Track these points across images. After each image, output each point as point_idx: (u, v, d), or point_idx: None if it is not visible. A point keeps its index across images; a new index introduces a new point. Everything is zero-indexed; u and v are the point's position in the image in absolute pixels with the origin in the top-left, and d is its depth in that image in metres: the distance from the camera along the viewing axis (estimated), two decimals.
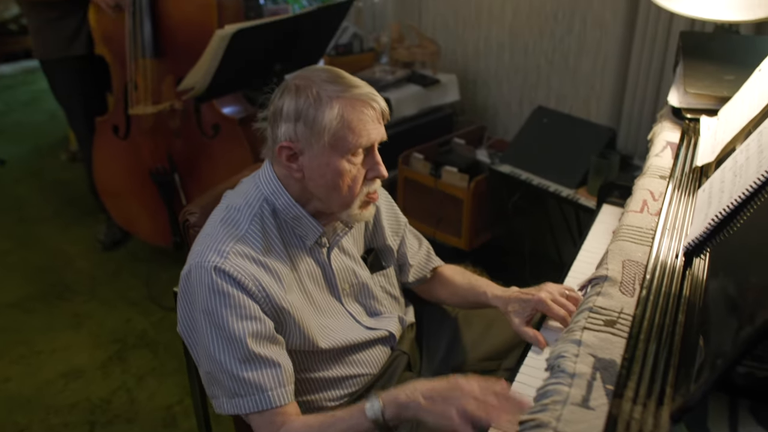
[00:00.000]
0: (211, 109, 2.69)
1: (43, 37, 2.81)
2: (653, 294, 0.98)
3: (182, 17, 2.61)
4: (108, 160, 2.88)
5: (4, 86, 5.20)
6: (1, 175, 3.92)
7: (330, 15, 2.50)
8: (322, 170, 1.28)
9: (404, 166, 2.79)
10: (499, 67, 3.15)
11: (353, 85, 1.28)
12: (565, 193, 2.38)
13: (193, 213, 1.54)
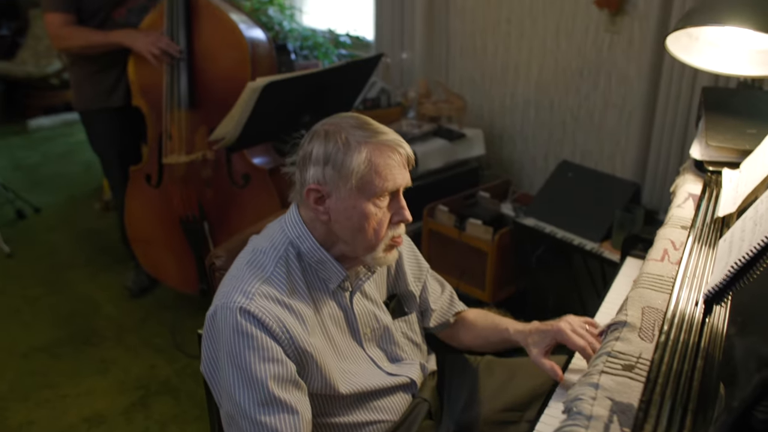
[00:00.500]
0: (242, 159, 2.75)
1: (83, 89, 2.92)
2: (672, 339, 0.98)
3: (218, 72, 2.70)
4: (140, 208, 2.95)
5: (43, 138, 5.36)
6: (36, 223, 4.02)
7: (359, 70, 2.57)
8: (349, 213, 1.31)
9: (429, 218, 2.81)
10: (524, 123, 3.19)
11: (380, 132, 1.32)
12: (589, 247, 2.38)
13: (220, 257, 1.58)
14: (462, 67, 3.37)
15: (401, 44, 3.45)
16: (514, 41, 3.12)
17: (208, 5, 2.69)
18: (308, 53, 3.61)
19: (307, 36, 3.67)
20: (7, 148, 5.15)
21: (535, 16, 3.01)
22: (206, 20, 2.68)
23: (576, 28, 2.89)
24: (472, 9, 3.24)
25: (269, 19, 3.67)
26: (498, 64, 3.22)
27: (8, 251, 3.64)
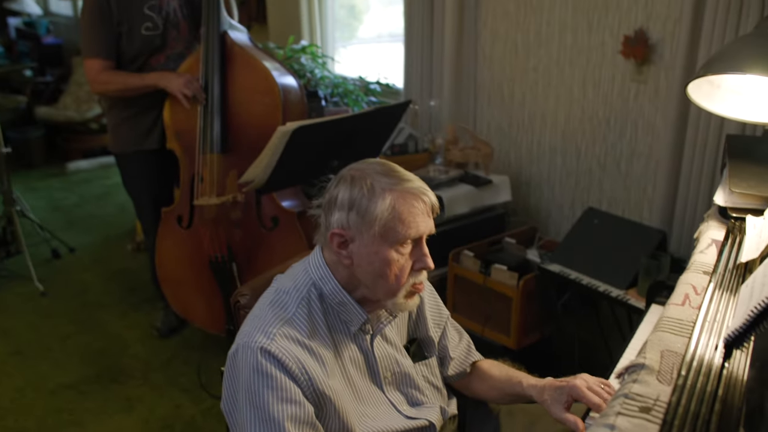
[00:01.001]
0: (271, 202, 2.80)
1: (120, 132, 3.01)
2: (690, 382, 0.98)
3: (250, 117, 2.77)
4: (170, 249, 3.00)
5: (81, 180, 5.51)
6: (70, 263, 4.11)
7: (387, 116, 2.62)
8: (371, 258, 1.33)
9: (454, 263, 2.82)
10: (551, 170, 3.21)
11: (405, 179, 1.34)
12: (615, 294, 2.37)
13: (245, 295, 1.61)
14: (489, 114, 3.41)
15: (430, 92, 3.51)
16: (542, 90, 3.16)
17: (242, 52, 2.78)
18: (339, 100, 3.69)
19: (338, 83, 3.75)
20: (46, 190, 5.29)
21: (562, 65, 3.05)
22: (240, 66, 2.77)
23: (603, 78, 2.92)
24: (500, 58, 3.29)
25: (301, 67, 3.77)
26: (525, 111, 3.25)
27: (42, 290, 3.72)
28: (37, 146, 5.83)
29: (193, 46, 2.97)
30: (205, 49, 2.75)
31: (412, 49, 3.56)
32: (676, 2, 2.61)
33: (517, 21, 3.18)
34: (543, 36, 3.10)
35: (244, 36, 2.89)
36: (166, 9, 2.90)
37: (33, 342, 3.28)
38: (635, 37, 2.73)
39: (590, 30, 2.92)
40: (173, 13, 2.93)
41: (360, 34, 5.11)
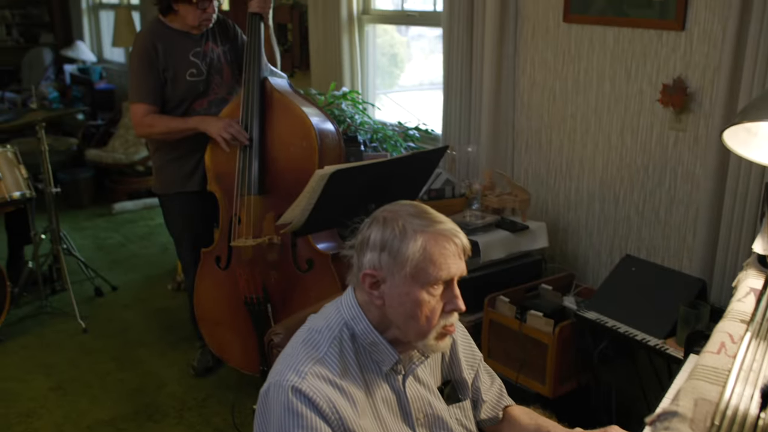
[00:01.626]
0: (307, 245, 2.84)
1: (164, 174, 3.10)
2: (724, 431, 0.96)
3: (287, 160, 2.83)
4: (208, 289, 3.05)
5: (126, 221, 5.64)
6: (112, 301, 4.19)
7: (424, 161, 2.65)
8: (402, 299, 1.34)
9: (490, 308, 2.81)
10: (589, 217, 3.19)
11: (437, 221, 1.36)
12: (653, 343, 2.32)
13: (278, 334, 1.63)
14: (527, 161, 3.42)
15: (468, 138, 3.54)
16: (579, 137, 3.17)
17: (280, 97, 2.85)
18: (378, 145, 3.74)
19: (378, 128, 3.81)
20: (92, 229, 5.43)
21: (600, 113, 3.06)
22: (278, 111, 2.84)
23: (641, 125, 2.92)
24: (538, 106, 3.31)
25: (342, 112, 3.84)
26: (563, 158, 3.26)
27: (84, 327, 3.80)
28: (86, 187, 6.00)
29: (235, 91, 3.06)
30: (245, 94, 2.83)
31: (450, 95, 3.61)
32: (715, 51, 2.61)
33: (555, 69, 3.21)
34: (581, 84, 3.11)
35: (284, 82, 2.97)
36: (210, 56, 3.01)
37: (73, 378, 3.34)
38: (674, 86, 2.73)
39: (628, 78, 2.93)
40: (217, 60, 3.03)
41: (401, 81, 5.20)
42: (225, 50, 3.07)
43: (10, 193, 3.71)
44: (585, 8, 3.02)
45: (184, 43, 2.96)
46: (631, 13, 2.84)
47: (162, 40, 2.92)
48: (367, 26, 4.42)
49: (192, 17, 2.91)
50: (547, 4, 3.18)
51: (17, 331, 3.78)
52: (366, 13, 4.38)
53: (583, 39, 3.07)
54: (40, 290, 3.99)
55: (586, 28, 3.05)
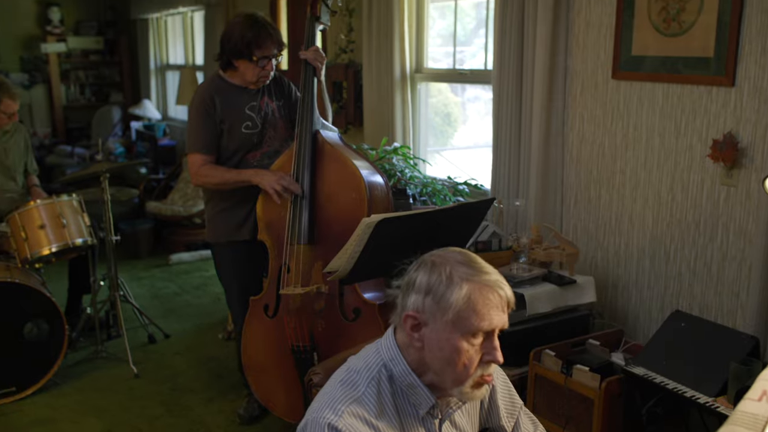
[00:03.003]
0: (354, 294, 2.87)
1: (216, 223, 3.20)
2: None
3: (337, 211, 2.89)
4: (256, 337, 3.09)
5: (182, 271, 5.79)
6: (164, 348, 4.28)
7: (471, 212, 2.67)
8: (442, 345, 1.36)
9: (535, 362, 2.77)
10: (639, 273, 3.15)
11: (484, 271, 1.37)
12: (703, 400, 2.26)
13: (318, 374, 1.65)
14: (576, 216, 3.41)
15: (516, 192, 3.56)
16: (629, 192, 3.15)
17: (331, 150, 2.93)
18: (427, 199, 3.78)
19: (427, 183, 3.86)
20: (149, 279, 5.59)
21: (649, 168, 3.05)
22: (329, 163, 2.92)
23: (691, 181, 2.90)
24: (587, 161, 3.32)
25: (392, 167, 3.91)
26: (612, 214, 3.24)
27: (136, 372, 3.88)
28: (145, 238, 6.20)
29: (288, 143, 3.17)
30: (297, 146, 2.92)
31: (500, 150, 3.65)
32: (766, 107, 2.60)
33: (605, 125, 3.22)
34: (630, 139, 3.12)
35: (335, 135, 3.06)
36: (265, 110, 3.13)
37: (124, 421, 3.40)
38: (724, 141, 2.71)
39: (678, 134, 2.93)
40: (271, 114, 3.15)
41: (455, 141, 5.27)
42: (279, 105, 3.19)
43: (73, 239, 3.88)
44: (635, 66, 3.04)
45: (240, 97, 3.09)
46: (685, 71, 2.85)
47: (220, 93, 3.06)
48: (420, 84, 4.53)
49: (251, 74, 3.04)
50: (596, 61, 3.22)
51: (73, 375, 3.88)
52: (419, 72, 4.49)
53: (632, 95, 3.09)
54: (97, 336, 4.10)
55: (635, 85, 3.07)
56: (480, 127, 5.08)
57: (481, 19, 4.36)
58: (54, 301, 3.66)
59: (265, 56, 3.00)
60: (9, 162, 4.30)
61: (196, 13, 7.68)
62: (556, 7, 3.26)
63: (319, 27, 3.08)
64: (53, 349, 3.67)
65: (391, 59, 4.36)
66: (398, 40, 4.33)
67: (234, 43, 2.97)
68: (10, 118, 4.18)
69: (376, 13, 4.42)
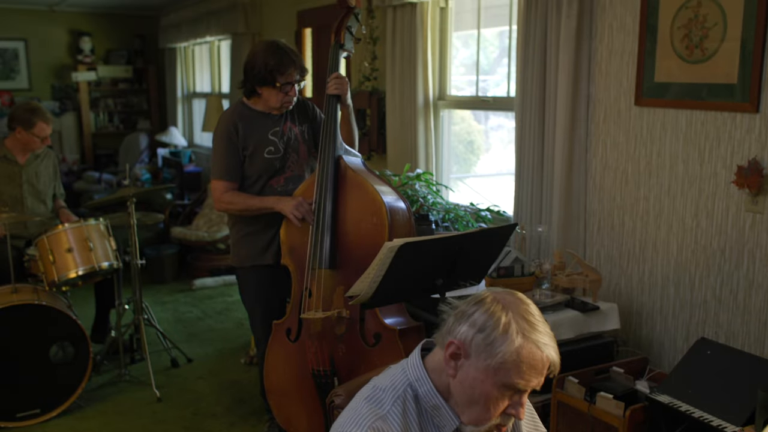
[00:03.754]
0: (375, 319, 2.87)
1: (240, 247, 3.23)
2: None
3: (358, 235, 2.91)
4: (277, 360, 3.10)
5: (205, 296, 5.83)
6: (186, 372, 4.30)
7: (493, 237, 2.66)
8: (474, 384, 1.36)
9: (558, 389, 2.75)
10: (664, 301, 3.12)
11: (539, 330, 1.37)
12: (730, 430, 2.22)
13: (339, 395, 1.66)
14: (599, 242, 3.39)
15: (539, 218, 3.56)
16: (653, 219, 3.14)
17: (354, 175, 2.96)
18: (450, 225, 3.79)
19: (450, 209, 3.87)
20: (173, 303, 5.63)
21: (673, 195, 3.04)
22: (351, 188, 2.94)
23: (716, 207, 2.88)
24: (610, 187, 3.31)
25: (415, 192, 3.92)
26: (636, 240, 3.22)
27: (159, 396, 3.89)
28: (170, 263, 6.26)
29: (312, 168, 3.20)
30: (320, 170, 2.95)
31: (522, 176, 3.65)
32: None
33: (628, 151, 3.22)
34: (654, 166, 3.11)
35: (358, 160, 3.09)
36: (288, 135, 3.17)
37: None
38: (749, 168, 2.70)
39: (702, 160, 2.92)
40: (294, 139, 3.19)
41: (478, 169, 5.29)
42: (303, 129, 3.23)
43: (100, 263, 3.93)
44: (658, 93, 3.05)
45: (263, 122, 3.13)
46: (708, 98, 2.85)
47: (242, 120, 3.10)
48: (443, 111, 4.56)
49: (275, 100, 3.09)
50: (619, 88, 3.23)
51: (96, 398, 3.91)
52: (442, 99, 4.53)
53: (655, 122, 3.09)
54: (121, 359, 4.13)
55: (658, 112, 3.07)
56: (503, 155, 5.09)
57: (504, 48, 4.39)
58: (80, 324, 3.70)
59: (288, 82, 3.05)
60: (40, 186, 4.39)
61: (222, 42, 7.83)
62: (579, 35, 3.28)
63: (343, 54, 3.12)
64: (78, 371, 3.71)
65: (414, 87, 4.41)
66: (421, 67, 4.37)
67: (257, 71, 3.03)
68: (43, 142, 4.27)
69: (399, 42, 4.47)
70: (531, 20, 3.47)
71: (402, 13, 4.43)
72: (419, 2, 4.30)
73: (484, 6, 4.24)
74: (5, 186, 4.25)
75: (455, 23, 4.50)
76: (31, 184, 4.34)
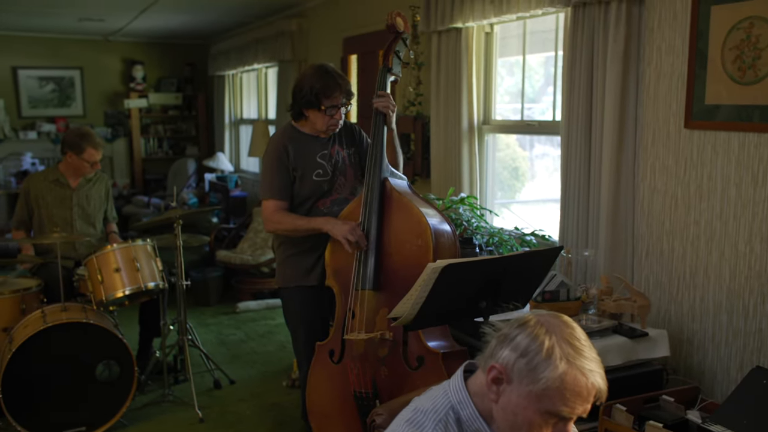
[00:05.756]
0: (418, 342, 2.84)
1: (286, 267, 3.25)
2: None
3: (402, 257, 2.90)
4: (320, 382, 3.09)
5: (248, 319, 5.86)
6: (229, 394, 4.31)
7: (538, 260, 2.63)
8: (517, 410, 1.32)
9: (605, 417, 2.67)
10: (716, 329, 3.02)
11: (585, 356, 1.32)
12: None
13: (380, 415, 1.64)
14: (647, 268, 3.32)
15: (585, 243, 3.50)
16: (704, 244, 3.05)
17: (399, 197, 2.96)
18: (494, 249, 3.75)
19: (494, 232, 3.83)
20: (216, 326, 5.68)
21: (725, 219, 2.96)
22: (396, 210, 2.94)
23: None
24: (659, 212, 3.25)
25: (458, 216, 3.90)
26: (686, 266, 3.14)
27: (201, 416, 3.91)
28: (214, 286, 6.32)
29: (357, 191, 3.21)
30: (366, 192, 2.96)
31: (568, 201, 3.61)
32: None
33: (677, 175, 3.15)
34: (704, 190, 3.04)
35: (404, 183, 3.09)
36: (335, 158, 3.19)
37: None
38: None
39: (755, 184, 2.84)
40: (342, 162, 3.21)
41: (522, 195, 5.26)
42: (350, 153, 3.25)
43: (146, 282, 3.99)
44: (708, 115, 2.99)
45: (312, 145, 3.16)
46: (762, 120, 2.78)
47: (293, 142, 3.14)
48: (487, 136, 4.54)
49: (321, 123, 3.12)
50: (668, 111, 3.17)
51: (140, 417, 3.94)
52: (486, 123, 4.51)
53: (705, 145, 3.02)
54: (165, 379, 4.17)
55: (709, 134, 3.01)
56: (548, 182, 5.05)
57: (548, 76, 4.37)
58: (126, 344, 3.75)
59: (334, 105, 3.07)
60: (90, 209, 4.49)
61: (269, 69, 7.97)
62: (626, 58, 3.25)
63: (390, 78, 3.15)
64: (122, 390, 3.74)
65: (458, 111, 4.41)
66: (466, 92, 4.37)
67: (304, 94, 3.07)
68: (93, 167, 4.38)
69: (444, 67, 4.49)
70: (577, 43, 3.45)
71: (447, 38, 4.45)
72: (464, 27, 4.31)
73: (529, 31, 4.23)
74: (56, 208, 4.37)
75: (500, 49, 4.50)
76: (81, 207, 4.45)
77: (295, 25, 6.79)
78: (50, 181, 4.39)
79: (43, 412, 3.58)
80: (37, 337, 3.51)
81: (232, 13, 7.41)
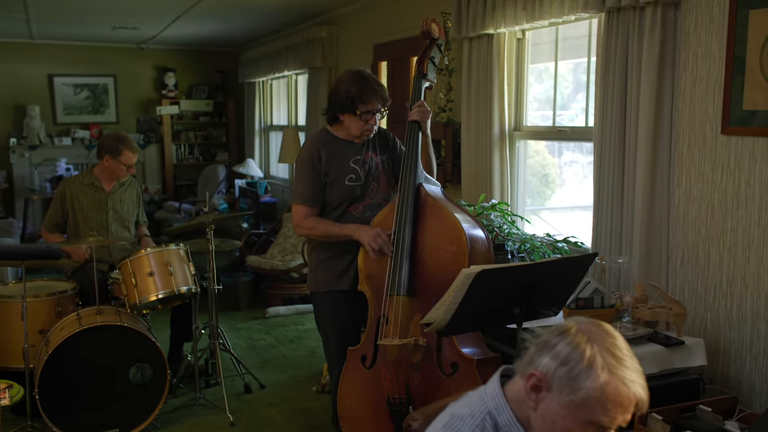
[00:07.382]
0: (452, 347, 2.83)
1: (318, 272, 3.26)
2: None
3: (437, 263, 2.89)
4: (352, 387, 3.09)
5: (278, 324, 5.89)
6: (259, 398, 4.34)
7: (572, 267, 2.61)
8: (555, 419, 1.31)
9: (640, 426, 2.64)
10: (755, 338, 2.97)
11: (626, 365, 1.31)
12: None
13: (416, 419, 1.64)
14: (683, 275, 3.27)
15: (619, 250, 3.46)
16: (741, 252, 3.01)
17: (434, 203, 2.96)
18: (525, 255, 3.73)
19: (526, 239, 3.81)
20: (246, 330, 5.71)
21: (764, 225, 2.91)
22: (431, 215, 2.93)
23: None
24: (695, 219, 3.20)
25: (490, 222, 3.89)
26: (723, 274, 3.09)
27: (231, 420, 3.94)
28: (244, 291, 6.37)
29: (390, 196, 3.22)
30: (400, 198, 2.96)
31: (601, 207, 3.57)
32: None
33: (713, 181, 3.11)
34: (742, 196, 2.99)
35: (438, 189, 3.09)
36: (369, 164, 3.20)
37: None
38: None
39: None
40: (375, 168, 3.22)
41: (552, 203, 5.22)
42: (383, 159, 3.26)
43: (179, 287, 4.03)
44: (746, 121, 2.95)
45: (345, 150, 3.18)
46: None
47: (326, 146, 3.16)
48: (518, 142, 4.52)
49: (355, 128, 3.13)
50: (704, 116, 3.14)
51: (171, 420, 3.98)
52: (517, 130, 4.50)
53: (743, 151, 2.98)
54: (196, 383, 4.21)
55: (747, 140, 2.96)
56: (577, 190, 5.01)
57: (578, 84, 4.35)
58: (159, 347, 3.79)
59: (369, 111, 3.08)
60: (124, 213, 4.55)
61: (300, 76, 8.03)
62: (661, 63, 3.22)
63: (425, 84, 3.16)
64: (155, 393, 3.78)
65: (489, 117, 4.39)
66: (497, 98, 4.36)
67: (340, 98, 3.08)
68: (129, 170, 4.45)
69: (475, 73, 4.48)
70: (611, 48, 3.43)
71: (478, 44, 4.44)
72: (496, 34, 4.31)
73: (561, 37, 4.21)
74: (92, 212, 4.43)
75: (531, 55, 4.48)
76: (116, 211, 4.51)
77: (325, 32, 6.83)
78: (86, 185, 4.45)
79: (77, 413, 3.63)
80: (72, 340, 3.56)
81: (264, 20, 7.48)
